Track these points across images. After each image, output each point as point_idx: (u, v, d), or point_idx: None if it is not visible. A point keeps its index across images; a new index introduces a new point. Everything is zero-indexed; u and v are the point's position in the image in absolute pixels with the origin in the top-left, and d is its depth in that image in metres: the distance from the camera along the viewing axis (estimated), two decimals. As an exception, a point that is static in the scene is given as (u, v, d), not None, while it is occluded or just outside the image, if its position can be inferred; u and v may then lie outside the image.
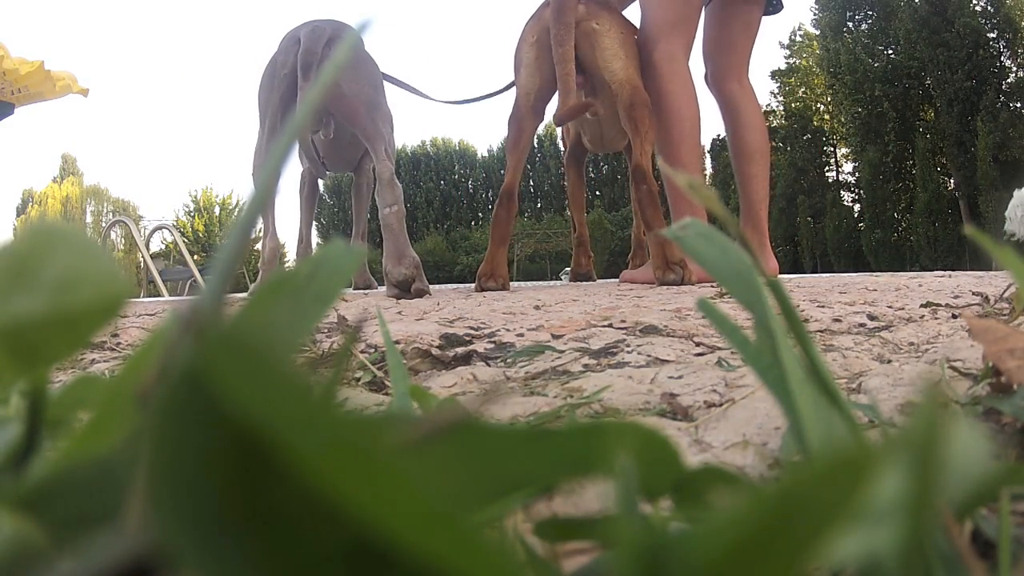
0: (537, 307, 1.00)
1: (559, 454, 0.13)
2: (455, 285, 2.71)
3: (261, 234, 1.75)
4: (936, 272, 2.18)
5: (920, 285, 1.31)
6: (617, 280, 2.31)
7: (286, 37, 1.69)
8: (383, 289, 1.70)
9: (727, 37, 1.97)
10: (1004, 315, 0.72)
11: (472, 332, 0.68)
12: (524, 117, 1.83)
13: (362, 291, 2.17)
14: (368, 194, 2.36)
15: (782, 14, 2.05)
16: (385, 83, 1.84)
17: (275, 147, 0.14)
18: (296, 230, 2.30)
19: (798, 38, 24.86)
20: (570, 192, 2.41)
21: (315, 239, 2.46)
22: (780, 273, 2.15)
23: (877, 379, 0.40)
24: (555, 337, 0.65)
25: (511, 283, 1.88)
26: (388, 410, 0.30)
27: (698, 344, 0.60)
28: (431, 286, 1.72)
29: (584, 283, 2.22)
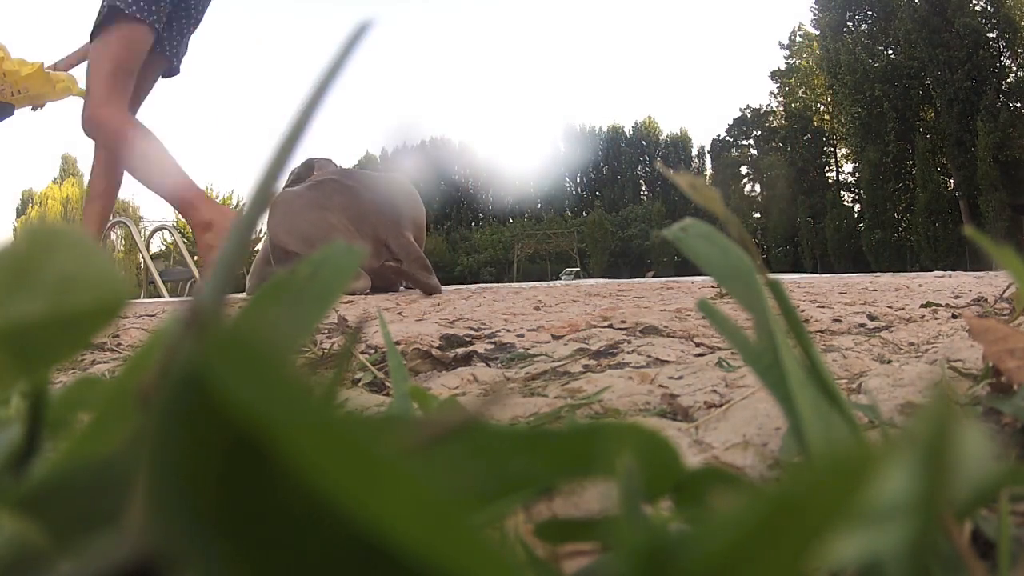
0: (537, 308, 1.00)
1: (560, 455, 0.13)
2: (455, 286, 2.71)
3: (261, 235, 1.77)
4: (936, 272, 2.18)
5: (920, 285, 1.30)
6: (608, 281, 2.29)
7: None
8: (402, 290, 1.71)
9: None
10: (1004, 315, 0.72)
11: (472, 333, 0.68)
12: None
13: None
14: None
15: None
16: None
17: (272, 151, 0.14)
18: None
19: (798, 38, 24.84)
20: None
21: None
22: (780, 273, 2.14)
23: (877, 379, 0.40)
24: (555, 338, 0.65)
25: (511, 284, 1.87)
26: (389, 411, 0.30)
27: (698, 345, 0.60)
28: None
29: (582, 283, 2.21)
